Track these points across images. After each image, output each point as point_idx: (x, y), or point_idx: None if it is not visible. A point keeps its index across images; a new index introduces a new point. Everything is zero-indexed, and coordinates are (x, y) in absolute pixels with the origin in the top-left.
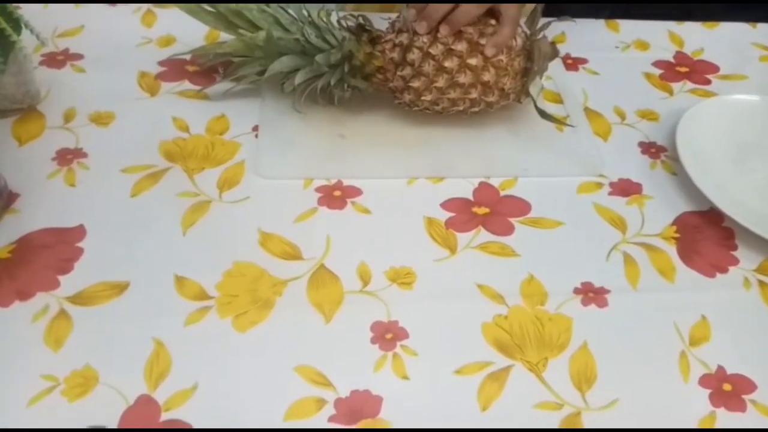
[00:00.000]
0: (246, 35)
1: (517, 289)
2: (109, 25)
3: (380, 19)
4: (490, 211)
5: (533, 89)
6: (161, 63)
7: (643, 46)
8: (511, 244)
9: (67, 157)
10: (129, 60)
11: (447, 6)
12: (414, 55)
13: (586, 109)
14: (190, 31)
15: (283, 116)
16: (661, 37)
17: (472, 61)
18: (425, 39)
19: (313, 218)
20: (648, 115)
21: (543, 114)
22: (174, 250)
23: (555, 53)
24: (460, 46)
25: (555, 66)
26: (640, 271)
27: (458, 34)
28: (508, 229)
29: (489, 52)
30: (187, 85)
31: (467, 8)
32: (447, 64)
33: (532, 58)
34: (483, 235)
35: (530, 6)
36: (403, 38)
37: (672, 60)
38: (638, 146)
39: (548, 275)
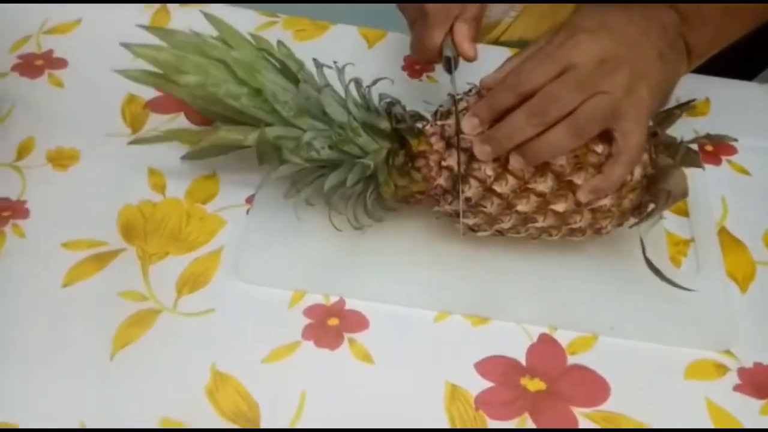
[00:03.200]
0: (229, 136)
1: None
2: (110, 22)
3: (424, 104)
4: (546, 389)
5: (645, 225)
6: None
7: None
8: None
9: (3, 214)
10: (121, 75)
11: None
12: (471, 190)
13: (722, 232)
14: None
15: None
16: None
17: (559, 207)
18: (489, 170)
19: (291, 358)
20: None
21: (653, 268)
22: (90, 385)
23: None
24: (543, 186)
25: None
26: None
27: (542, 164)
28: (569, 426)
29: (583, 198)
30: (181, 120)
31: (557, 138)
32: (520, 207)
33: (656, 200)
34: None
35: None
36: (454, 161)
37: None
38: None
39: None
